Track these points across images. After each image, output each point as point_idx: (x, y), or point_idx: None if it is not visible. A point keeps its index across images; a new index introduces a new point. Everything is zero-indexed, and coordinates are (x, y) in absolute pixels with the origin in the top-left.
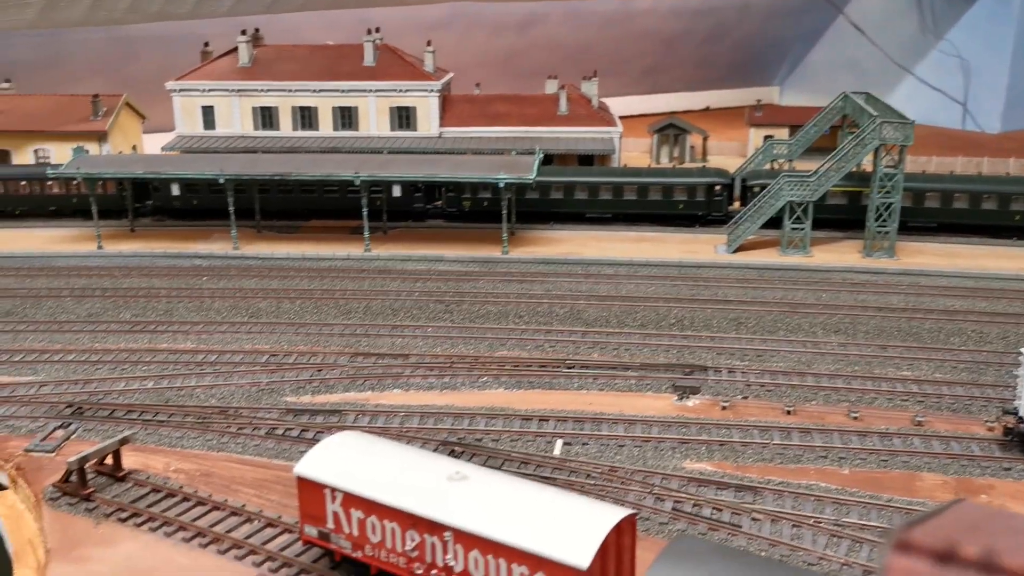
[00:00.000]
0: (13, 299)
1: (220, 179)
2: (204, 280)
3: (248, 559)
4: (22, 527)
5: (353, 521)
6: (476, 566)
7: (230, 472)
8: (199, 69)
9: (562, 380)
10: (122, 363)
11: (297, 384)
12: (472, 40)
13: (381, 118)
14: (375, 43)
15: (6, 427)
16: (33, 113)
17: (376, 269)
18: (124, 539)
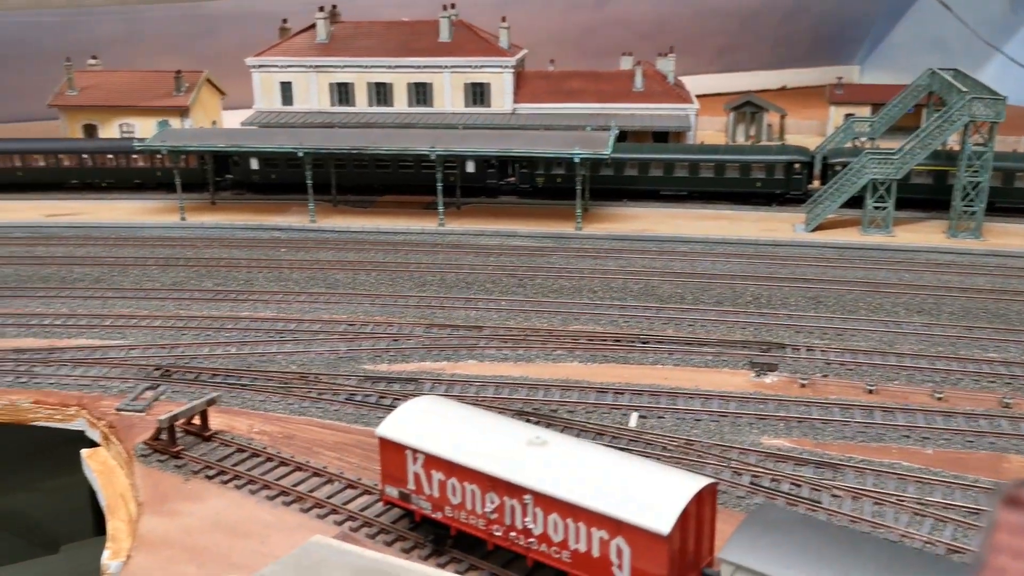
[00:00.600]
0: (102, 267)
1: (299, 153)
2: (282, 252)
3: (330, 518)
4: (114, 482)
5: (434, 482)
6: (555, 529)
7: (311, 435)
8: (278, 45)
9: (637, 355)
10: (206, 329)
11: (374, 352)
12: (546, 16)
13: (455, 94)
14: (451, 19)
15: (99, 387)
16: (118, 88)
17: (450, 243)
18: (212, 495)
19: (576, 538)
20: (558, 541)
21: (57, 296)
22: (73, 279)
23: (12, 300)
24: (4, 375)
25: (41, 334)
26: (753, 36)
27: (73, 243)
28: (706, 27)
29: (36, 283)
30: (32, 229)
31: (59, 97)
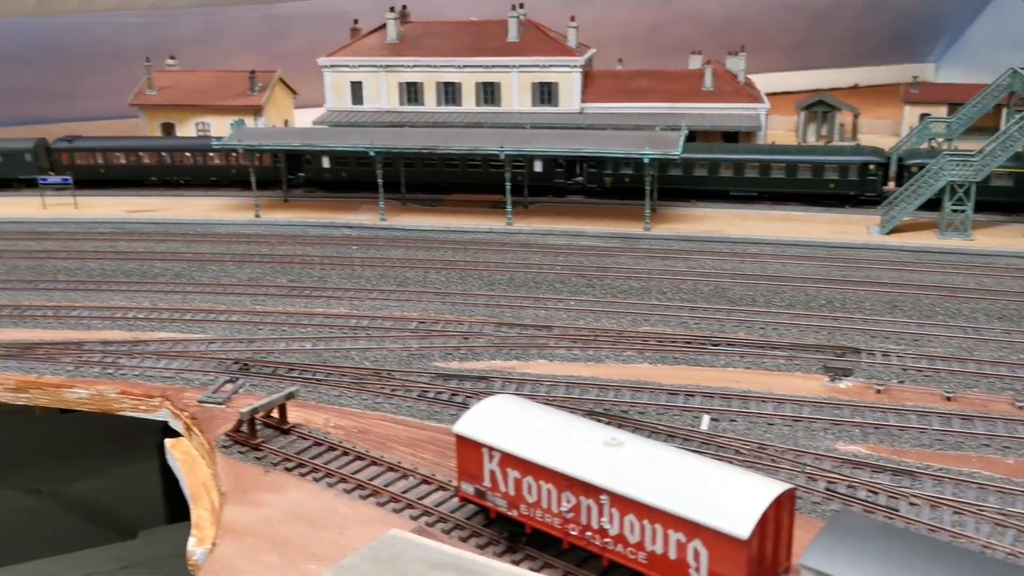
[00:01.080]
0: (181, 263)
1: (370, 152)
2: (354, 249)
3: (405, 512)
4: (197, 471)
5: (509, 480)
6: (631, 530)
7: (385, 430)
8: (349, 46)
9: (707, 357)
10: (281, 325)
11: (445, 350)
12: (613, 14)
13: (523, 94)
14: (519, 19)
15: (181, 379)
16: (195, 88)
17: (518, 242)
18: (291, 487)
19: (653, 540)
20: (634, 542)
21: (139, 290)
22: (154, 274)
23: (97, 294)
24: (92, 366)
25: (125, 327)
26: (825, 32)
27: (154, 239)
28: (776, 23)
29: (119, 277)
30: (115, 225)
31: (139, 96)
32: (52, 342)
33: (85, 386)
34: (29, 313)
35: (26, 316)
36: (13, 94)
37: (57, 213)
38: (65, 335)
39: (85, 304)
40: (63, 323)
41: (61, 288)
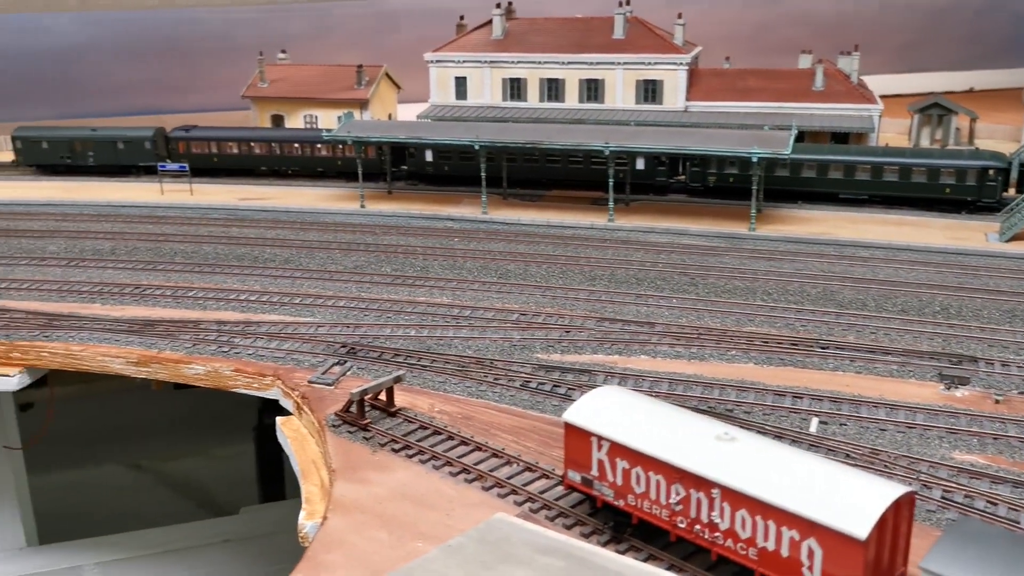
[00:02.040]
0: (290, 249)
1: (475, 145)
2: (455, 241)
3: (510, 498)
4: (306, 448)
5: (618, 470)
6: (743, 526)
7: (488, 418)
8: (454, 41)
9: (816, 360)
10: (386, 312)
11: (547, 343)
12: (719, 13)
13: (627, 91)
14: (626, 16)
15: (291, 360)
16: (304, 81)
17: (619, 239)
18: (397, 467)
19: (765, 536)
20: (745, 538)
21: (251, 274)
22: (265, 259)
23: (212, 276)
24: (208, 344)
25: (238, 308)
26: (941, 33)
27: (264, 226)
28: (889, 24)
29: (232, 261)
30: (227, 211)
31: (251, 89)
32: (171, 320)
33: (202, 363)
34: (149, 292)
35: (147, 295)
36: (134, 86)
37: (174, 199)
38: (183, 314)
39: (201, 285)
40: (180, 302)
41: (178, 270)
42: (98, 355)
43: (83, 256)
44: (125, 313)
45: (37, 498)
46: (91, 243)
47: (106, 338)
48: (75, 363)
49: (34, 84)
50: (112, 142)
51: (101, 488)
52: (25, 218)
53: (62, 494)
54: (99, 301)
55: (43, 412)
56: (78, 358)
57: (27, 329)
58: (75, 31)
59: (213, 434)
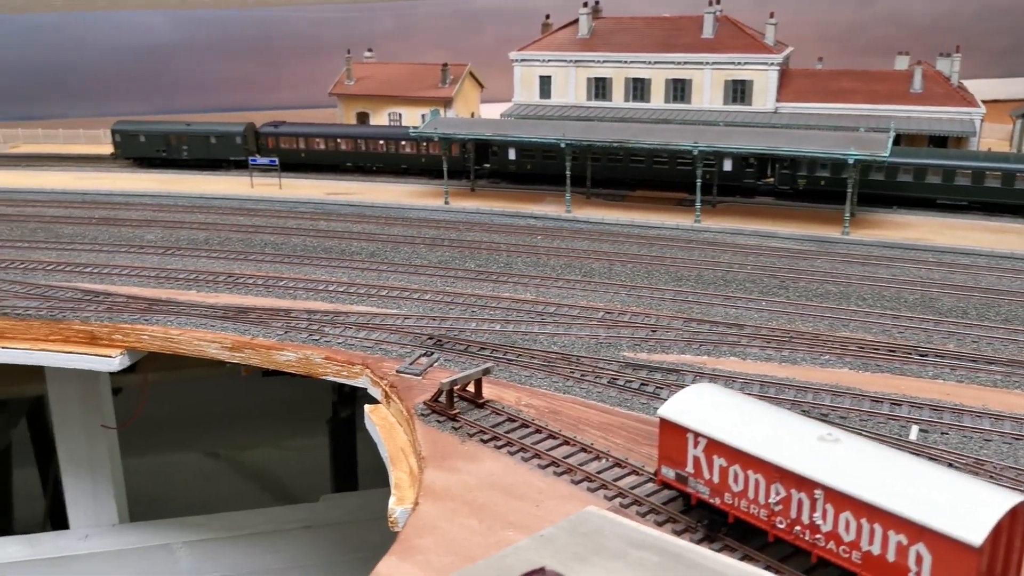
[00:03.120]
0: (375, 243)
1: (561, 144)
2: (539, 239)
3: (600, 492)
4: (395, 436)
5: (714, 468)
6: (847, 528)
7: (576, 413)
8: (540, 40)
9: (914, 367)
10: (471, 306)
11: (633, 341)
12: (808, 14)
13: (715, 91)
14: (715, 15)
15: (380, 350)
16: (389, 79)
17: (705, 240)
18: (486, 458)
19: (870, 540)
20: (848, 541)
21: (338, 266)
22: (351, 252)
23: (301, 267)
24: (299, 332)
25: (327, 299)
26: None
27: (350, 220)
28: (988, 26)
29: (320, 253)
30: (315, 205)
31: (338, 86)
32: (263, 308)
33: (294, 350)
34: (241, 281)
35: (239, 283)
36: (224, 83)
37: (263, 192)
38: (274, 302)
39: (290, 276)
40: (271, 291)
41: (268, 260)
42: (194, 339)
43: (179, 245)
44: (219, 300)
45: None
46: (186, 233)
47: (202, 323)
48: (173, 347)
49: (131, 80)
50: (205, 137)
51: (177, 472)
52: (124, 208)
53: (141, 476)
54: (195, 288)
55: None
56: (176, 342)
57: (128, 312)
58: (170, 30)
59: (286, 425)
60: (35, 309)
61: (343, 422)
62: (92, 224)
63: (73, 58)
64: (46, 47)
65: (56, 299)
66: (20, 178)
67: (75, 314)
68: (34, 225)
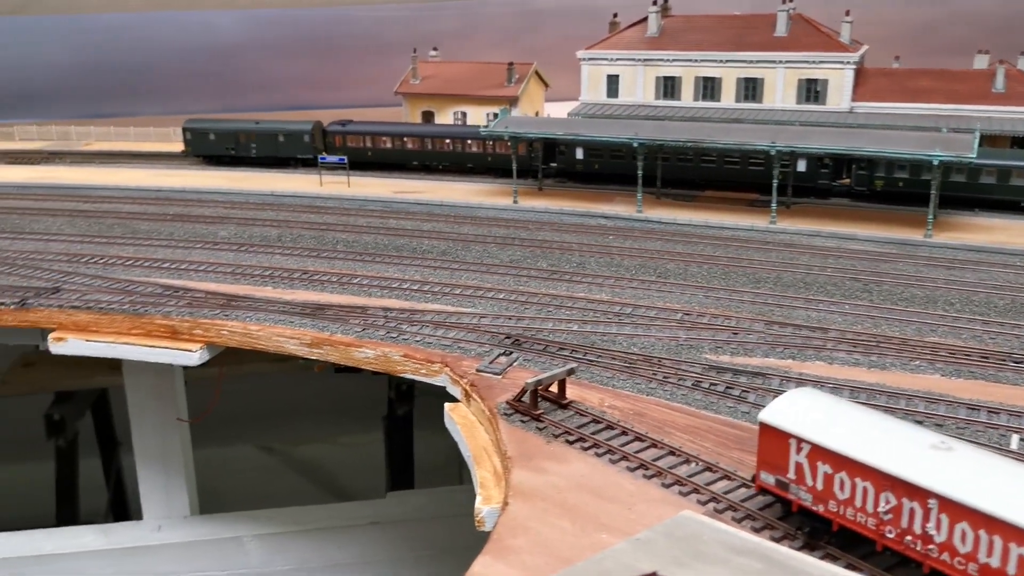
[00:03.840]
0: (446, 241)
1: (634, 143)
2: (611, 239)
3: (692, 496)
4: (476, 435)
5: (818, 474)
6: (963, 539)
7: (661, 415)
8: (608, 39)
9: (1009, 374)
10: (547, 306)
11: (715, 344)
12: (881, 12)
13: (788, 90)
14: (789, 12)
15: (458, 348)
16: (455, 78)
17: (781, 242)
18: (573, 459)
19: (988, 551)
20: (964, 552)
21: (410, 264)
22: (423, 250)
23: (373, 264)
24: (377, 329)
25: (401, 296)
26: None
27: (419, 218)
28: None
29: (391, 251)
30: (383, 204)
31: (404, 85)
32: (340, 305)
33: (372, 347)
34: (316, 278)
35: (314, 280)
36: (290, 81)
37: (332, 190)
38: (350, 299)
39: (364, 273)
40: (346, 288)
41: (341, 257)
42: (274, 335)
43: (252, 242)
44: (296, 297)
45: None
46: (259, 230)
47: (280, 319)
48: (252, 342)
49: (199, 79)
50: (273, 135)
51: (232, 466)
52: (197, 205)
53: (198, 469)
54: (270, 284)
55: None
56: (255, 337)
57: (208, 308)
58: (238, 29)
59: (340, 422)
60: (118, 303)
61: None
62: (167, 220)
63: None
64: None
65: (137, 294)
66: (95, 175)
67: (156, 308)
68: (111, 221)
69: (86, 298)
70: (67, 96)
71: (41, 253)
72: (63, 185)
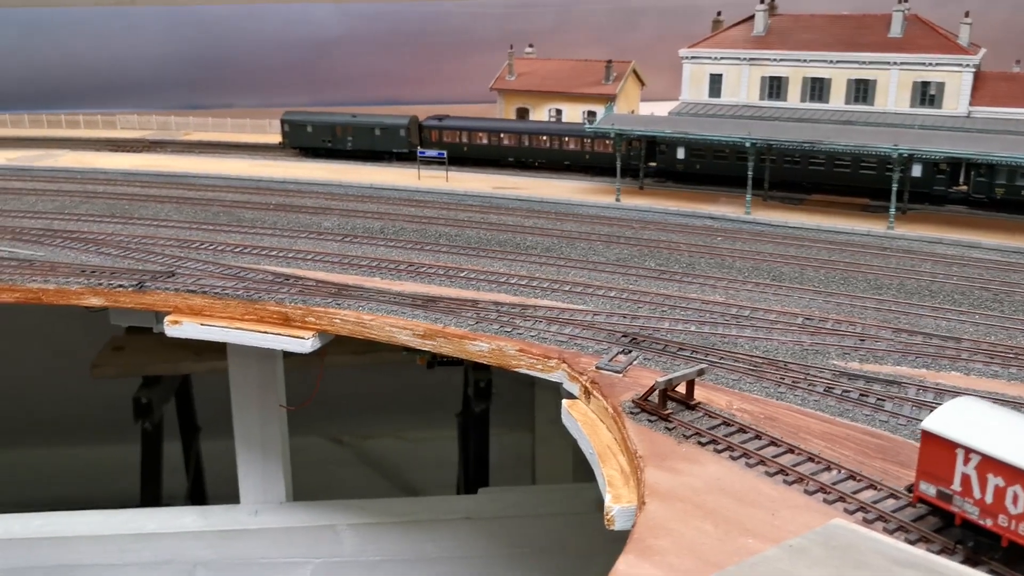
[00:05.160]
0: (550, 238)
1: (746, 143)
2: (719, 239)
3: (838, 505)
4: (598, 433)
5: (988, 487)
6: None
7: (793, 420)
8: (711, 37)
9: None
10: (660, 305)
11: (841, 349)
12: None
13: (901, 93)
14: (904, 13)
15: (575, 345)
16: (551, 75)
17: (901, 248)
18: (708, 461)
19: None
20: None
21: (515, 260)
22: (526, 246)
23: (478, 259)
24: (490, 323)
25: (510, 291)
26: None
27: (520, 214)
28: None
29: (494, 246)
30: (483, 199)
31: (499, 81)
32: (450, 298)
33: (486, 340)
34: (423, 270)
35: (420, 272)
36: (384, 76)
37: (430, 184)
38: (459, 292)
39: (470, 267)
40: (454, 282)
41: (444, 251)
42: (386, 325)
43: (355, 233)
44: (405, 288)
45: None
46: (361, 221)
47: (392, 310)
48: (364, 331)
49: (294, 72)
50: (370, 128)
51: (306, 456)
52: (298, 195)
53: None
54: (378, 275)
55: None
56: (367, 327)
57: (320, 296)
58: (334, 23)
59: (413, 419)
60: (232, 289)
61: (476, 417)
62: (270, 210)
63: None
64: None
65: (249, 280)
66: (196, 163)
67: (269, 295)
68: (216, 209)
69: (200, 283)
70: (167, 87)
71: (152, 238)
72: (167, 173)
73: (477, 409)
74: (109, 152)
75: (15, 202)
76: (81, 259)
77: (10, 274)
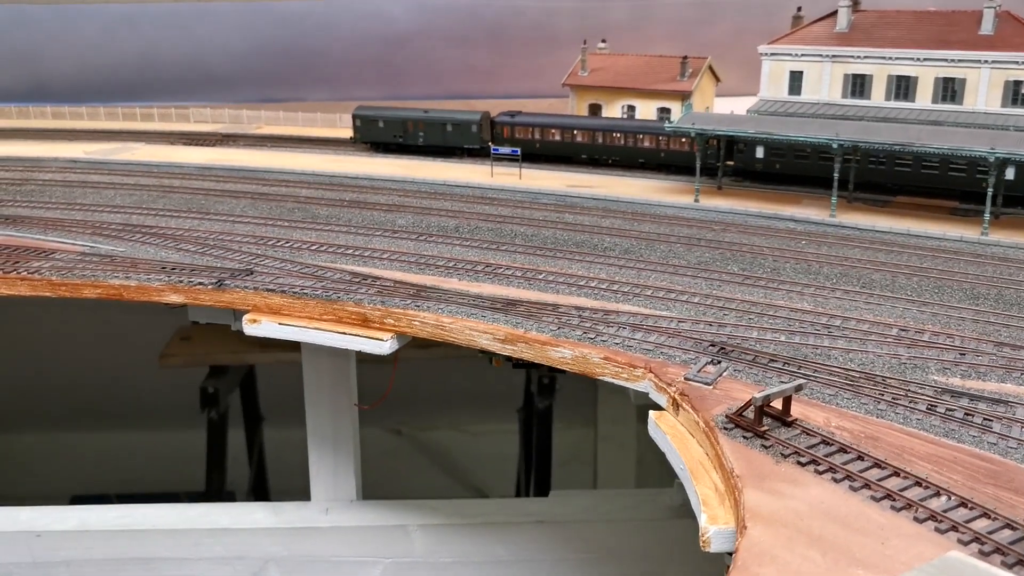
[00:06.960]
0: (628, 239)
1: (833, 144)
2: (804, 243)
3: (951, 534)
4: (689, 448)
5: None
6: None
7: (897, 441)
8: (792, 34)
9: None
10: (746, 313)
11: (941, 364)
12: None
13: (992, 92)
14: (996, 10)
15: (661, 354)
16: (624, 71)
17: (996, 256)
18: (809, 483)
19: None
20: None
21: (594, 262)
22: (604, 247)
23: (555, 260)
24: (572, 329)
25: (591, 295)
26: None
27: (595, 214)
28: None
29: (571, 247)
30: (557, 197)
31: (571, 77)
32: (530, 301)
33: (570, 347)
34: (500, 271)
35: (498, 273)
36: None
37: (503, 182)
38: (539, 296)
39: (547, 269)
40: (532, 284)
41: (521, 251)
42: (466, 328)
43: (430, 231)
44: (483, 290)
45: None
46: (436, 220)
47: (472, 313)
48: (443, 334)
49: (365, 66)
50: (442, 124)
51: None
52: (371, 192)
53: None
54: (455, 276)
55: None
56: (447, 330)
57: (399, 297)
58: (408, 18)
59: (474, 413)
60: (310, 288)
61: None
62: (344, 206)
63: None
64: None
65: (328, 279)
66: (269, 158)
67: (347, 295)
68: (291, 205)
69: (279, 281)
70: (240, 81)
71: (229, 234)
72: (240, 167)
73: (541, 406)
74: (183, 146)
75: (94, 195)
76: (160, 255)
77: (92, 270)
